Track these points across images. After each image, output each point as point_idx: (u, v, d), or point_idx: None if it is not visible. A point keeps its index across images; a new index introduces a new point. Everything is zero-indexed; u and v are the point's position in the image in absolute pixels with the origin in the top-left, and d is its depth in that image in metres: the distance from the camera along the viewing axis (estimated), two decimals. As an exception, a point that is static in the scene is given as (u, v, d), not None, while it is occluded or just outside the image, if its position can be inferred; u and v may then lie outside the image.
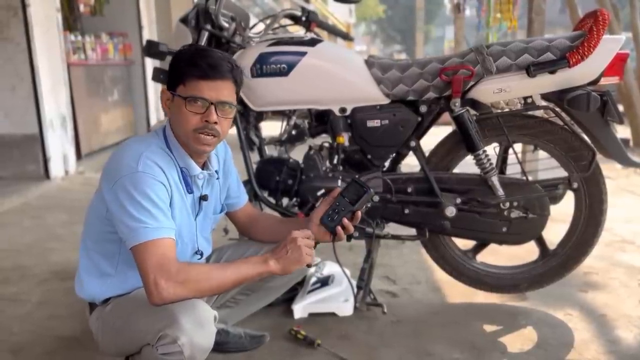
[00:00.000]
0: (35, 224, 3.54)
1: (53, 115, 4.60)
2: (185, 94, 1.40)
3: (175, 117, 1.45)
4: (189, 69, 1.40)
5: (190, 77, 1.40)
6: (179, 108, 1.42)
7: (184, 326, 1.29)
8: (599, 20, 1.84)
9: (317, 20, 2.38)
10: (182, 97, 1.41)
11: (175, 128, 1.47)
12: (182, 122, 1.43)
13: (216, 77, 1.41)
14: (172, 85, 1.44)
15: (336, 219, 1.52)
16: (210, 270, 1.41)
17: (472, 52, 1.97)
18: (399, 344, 1.98)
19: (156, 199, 1.36)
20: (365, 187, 1.51)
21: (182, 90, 1.41)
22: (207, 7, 2.15)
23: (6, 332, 2.11)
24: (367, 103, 2.08)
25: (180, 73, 1.41)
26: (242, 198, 1.79)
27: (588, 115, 1.95)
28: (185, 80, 1.40)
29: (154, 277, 1.30)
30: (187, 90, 1.40)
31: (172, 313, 1.30)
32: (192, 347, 1.30)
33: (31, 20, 4.27)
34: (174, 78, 1.43)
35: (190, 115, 1.41)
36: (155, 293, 1.30)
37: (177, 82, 1.42)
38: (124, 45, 6.32)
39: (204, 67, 1.39)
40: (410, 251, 2.89)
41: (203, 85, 1.40)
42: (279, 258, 1.43)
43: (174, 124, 1.47)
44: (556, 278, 2.21)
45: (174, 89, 1.43)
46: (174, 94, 1.43)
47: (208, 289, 1.37)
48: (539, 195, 2.06)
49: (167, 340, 1.29)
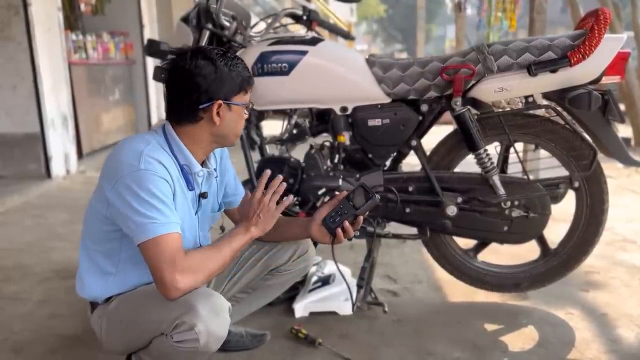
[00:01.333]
0: (36, 223, 3.55)
1: (54, 115, 4.61)
2: (247, 101, 1.53)
3: (232, 123, 1.51)
4: (248, 78, 1.51)
5: (248, 85, 1.52)
6: (240, 114, 1.52)
7: (201, 313, 1.31)
8: (600, 19, 1.83)
9: (318, 19, 2.38)
10: (245, 105, 1.52)
11: (226, 133, 1.51)
12: (239, 126, 1.54)
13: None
14: (227, 95, 1.47)
15: (338, 221, 1.53)
16: (210, 251, 1.45)
17: (473, 51, 1.97)
18: (400, 343, 1.98)
19: (161, 195, 1.37)
20: (371, 193, 1.52)
21: (244, 98, 1.52)
22: (208, 6, 2.15)
23: (7, 331, 2.11)
24: (368, 102, 2.08)
25: (241, 83, 1.49)
26: (240, 196, 1.79)
27: (589, 115, 1.95)
28: (247, 89, 1.51)
29: (168, 272, 1.32)
30: (247, 97, 1.53)
31: (189, 301, 1.33)
32: (208, 335, 1.32)
33: (32, 19, 4.27)
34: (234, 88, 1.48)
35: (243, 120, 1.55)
36: (172, 287, 1.32)
37: (236, 92, 1.48)
38: (125, 44, 6.32)
39: (249, 75, 1.53)
40: (411, 250, 2.89)
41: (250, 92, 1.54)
42: (256, 223, 1.51)
43: (223, 130, 1.50)
44: (557, 277, 2.21)
45: (229, 98, 1.47)
46: (237, 103, 1.49)
47: (216, 269, 1.43)
48: (540, 194, 2.06)
49: (184, 327, 1.31)
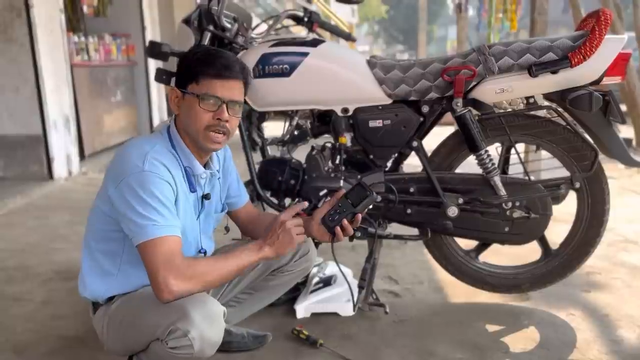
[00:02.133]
0: (38, 224, 3.56)
1: (56, 116, 4.62)
2: (199, 91, 1.43)
3: (186, 114, 1.47)
4: (204, 67, 1.43)
5: (204, 75, 1.43)
6: (191, 106, 1.45)
7: (195, 320, 1.31)
8: (601, 20, 1.84)
9: (319, 20, 2.38)
10: (196, 94, 1.43)
11: (186, 126, 1.49)
12: (195, 119, 1.45)
13: (229, 77, 1.45)
14: (183, 83, 1.46)
15: (336, 220, 1.53)
16: (214, 262, 1.44)
17: (474, 52, 1.98)
18: (402, 343, 1.99)
19: (162, 198, 1.37)
20: (368, 191, 1.52)
21: (196, 88, 1.44)
22: (209, 8, 2.16)
23: (10, 331, 2.12)
24: (370, 103, 2.08)
25: (194, 71, 1.44)
26: (243, 197, 1.80)
27: (590, 115, 1.95)
28: (199, 79, 1.43)
29: (163, 274, 1.32)
30: (201, 88, 1.44)
31: (183, 307, 1.32)
32: (202, 341, 1.32)
33: (35, 21, 4.29)
34: (186, 76, 1.46)
35: (203, 113, 1.44)
36: (165, 289, 1.32)
37: (190, 81, 1.45)
38: (127, 46, 6.33)
39: (218, 67, 1.43)
40: (412, 251, 2.89)
41: (217, 84, 1.44)
42: (272, 243, 1.48)
43: (184, 121, 1.49)
44: (559, 278, 2.21)
45: (185, 87, 1.46)
46: (186, 92, 1.45)
47: (214, 281, 1.41)
48: (541, 195, 2.06)
49: (178, 334, 1.31)
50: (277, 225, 1.48)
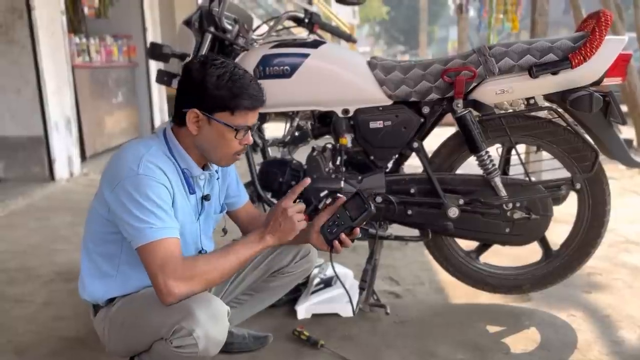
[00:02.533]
0: (40, 225, 3.56)
1: (58, 118, 4.62)
2: (235, 124, 1.42)
3: (213, 140, 1.45)
4: (239, 100, 1.41)
5: (240, 108, 1.41)
6: (222, 134, 1.44)
7: (200, 319, 1.31)
8: (601, 21, 1.84)
9: (319, 21, 2.38)
10: (234, 127, 1.42)
11: (208, 148, 1.48)
12: (224, 147, 1.46)
13: (260, 106, 1.46)
14: (209, 109, 1.42)
15: (335, 233, 1.52)
16: (213, 259, 1.42)
17: (475, 53, 1.98)
18: (403, 344, 1.99)
19: (158, 200, 1.37)
20: (367, 204, 1.51)
21: (230, 119, 1.42)
22: (210, 10, 2.16)
23: (11, 332, 2.12)
24: (370, 104, 2.09)
25: (229, 103, 1.40)
26: (242, 197, 1.80)
27: (591, 116, 1.95)
28: (235, 111, 1.42)
29: (163, 277, 1.32)
30: (237, 119, 1.42)
31: (188, 306, 1.33)
32: (207, 340, 1.32)
33: (36, 22, 4.29)
34: (214, 104, 1.41)
35: (235, 142, 1.45)
36: (166, 292, 1.32)
37: (221, 109, 1.41)
38: (128, 47, 6.34)
39: (253, 99, 1.43)
40: (413, 252, 2.89)
41: (250, 115, 1.45)
42: (274, 231, 1.47)
43: (204, 144, 1.47)
44: (559, 279, 2.21)
45: (212, 112, 1.42)
46: (218, 120, 1.42)
47: (216, 278, 1.40)
48: (542, 196, 2.06)
49: (183, 333, 1.31)
50: (279, 212, 1.47)
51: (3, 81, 4.36)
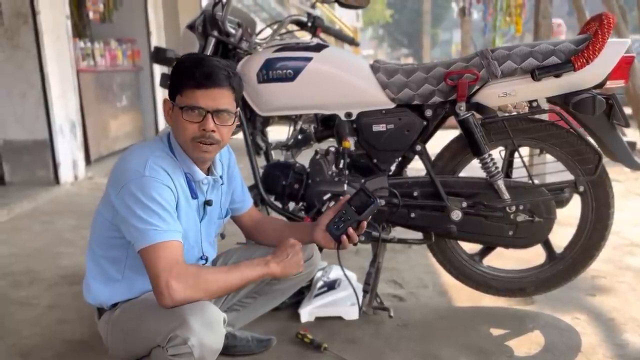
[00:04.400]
0: (45, 228, 3.58)
1: (63, 121, 4.65)
2: (181, 103, 1.44)
3: (175, 126, 1.48)
4: (185, 79, 1.43)
5: (186, 87, 1.43)
6: (177, 117, 1.46)
7: (194, 327, 1.31)
8: (604, 24, 1.84)
9: (322, 25, 2.39)
10: (179, 106, 1.44)
11: (176, 137, 1.51)
12: (181, 131, 1.46)
13: (212, 86, 1.43)
14: (172, 95, 1.47)
15: (342, 228, 1.53)
16: (217, 272, 1.44)
17: (477, 56, 1.98)
18: (406, 347, 1.99)
19: (163, 203, 1.38)
20: (372, 198, 1.52)
21: (180, 100, 1.45)
22: (214, 14, 2.18)
23: (16, 335, 2.13)
24: (373, 107, 2.09)
25: (178, 83, 1.45)
26: (247, 202, 1.81)
27: (594, 119, 1.95)
28: (182, 90, 1.43)
29: (165, 279, 1.32)
30: (184, 100, 1.43)
31: (182, 314, 1.32)
32: (201, 348, 1.32)
33: (41, 27, 4.32)
34: (173, 88, 1.47)
35: (188, 124, 1.44)
36: (167, 295, 1.32)
37: (176, 92, 1.46)
38: (133, 51, 6.37)
39: (199, 77, 1.41)
40: (417, 255, 2.89)
41: (199, 95, 1.42)
42: (280, 261, 1.49)
43: (175, 132, 1.51)
44: (563, 282, 2.20)
45: (173, 98, 1.47)
46: (174, 103, 1.47)
47: (216, 291, 1.41)
48: (545, 198, 2.06)
49: (177, 341, 1.31)
50: (289, 245, 1.50)
51: (8, 85, 4.39)
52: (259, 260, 1.49)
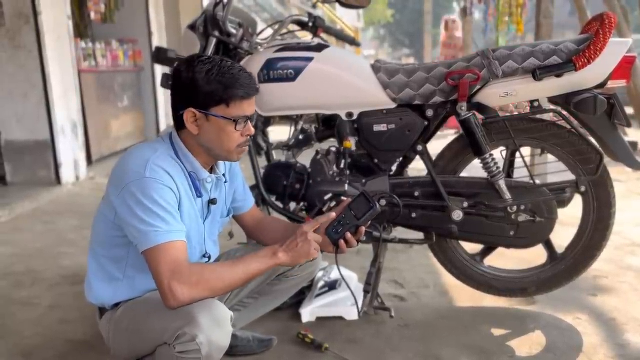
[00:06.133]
0: (46, 229, 3.59)
1: (64, 122, 4.66)
2: (232, 115, 1.43)
3: (214, 136, 1.46)
4: (232, 90, 1.41)
5: (234, 98, 1.42)
6: (222, 128, 1.44)
7: (203, 324, 1.31)
8: (605, 24, 1.84)
9: (323, 25, 2.39)
10: (232, 119, 1.43)
11: (211, 146, 1.48)
12: (226, 141, 1.46)
13: (255, 94, 1.47)
14: (204, 105, 1.43)
15: (340, 232, 1.53)
16: (221, 269, 1.43)
17: (478, 56, 1.98)
18: (407, 348, 1.98)
19: (164, 204, 1.38)
20: (372, 203, 1.52)
21: (227, 112, 1.43)
22: (215, 14, 2.18)
23: (18, 335, 2.14)
24: (374, 108, 2.09)
25: (222, 96, 1.41)
26: (249, 201, 1.81)
27: (595, 119, 1.95)
28: (230, 102, 1.42)
29: (168, 281, 1.32)
30: (233, 111, 1.43)
31: (190, 312, 1.32)
32: (210, 346, 1.32)
33: (43, 27, 4.33)
34: (209, 99, 1.42)
35: (237, 134, 1.46)
36: (170, 296, 1.32)
37: (216, 104, 1.42)
38: (134, 51, 6.38)
39: (246, 88, 1.43)
40: (418, 255, 2.89)
41: (245, 104, 1.45)
42: (289, 251, 1.47)
43: (207, 142, 1.47)
44: (565, 282, 2.20)
45: (207, 108, 1.43)
46: (215, 115, 1.43)
47: (221, 288, 1.40)
48: (547, 198, 2.06)
49: (186, 338, 1.31)
50: (299, 234, 1.48)
51: (10, 86, 4.40)
52: (265, 251, 1.47)
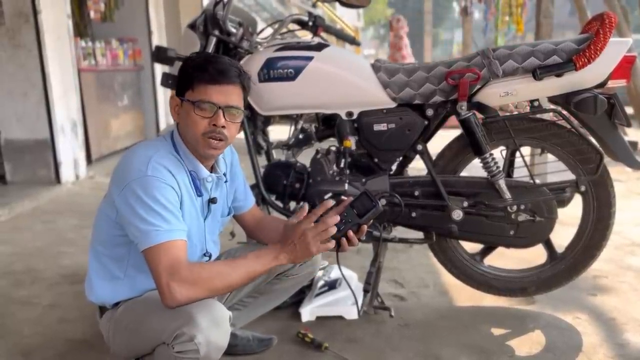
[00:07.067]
0: (46, 228, 3.58)
1: (64, 121, 4.65)
2: (193, 98, 1.44)
3: (184, 122, 1.48)
4: (198, 74, 1.44)
5: (199, 82, 1.43)
6: (188, 113, 1.46)
7: (201, 324, 1.31)
8: (605, 24, 1.84)
9: (323, 25, 2.39)
10: (191, 101, 1.44)
11: (185, 133, 1.50)
12: (191, 126, 1.46)
13: (224, 82, 1.44)
14: (181, 91, 1.48)
15: (342, 230, 1.53)
16: (221, 268, 1.42)
17: (478, 55, 1.98)
18: (407, 347, 1.98)
19: (166, 202, 1.38)
20: (373, 202, 1.51)
21: (191, 95, 1.45)
22: (215, 13, 2.18)
23: (17, 335, 2.13)
24: (374, 107, 2.09)
25: (189, 78, 1.45)
26: (249, 201, 1.81)
27: (595, 118, 1.95)
28: (194, 86, 1.44)
29: (167, 280, 1.32)
30: (196, 95, 1.44)
31: (189, 312, 1.32)
32: (208, 346, 1.32)
33: (42, 26, 4.32)
34: (183, 84, 1.47)
35: (199, 119, 1.44)
36: (169, 295, 1.32)
37: (186, 88, 1.46)
38: (134, 50, 6.37)
39: (212, 72, 1.43)
40: (418, 255, 2.89)
41: (211, 90, 1.43)
42: (289, 252, 1.46)
43: (183, 129, 1.50)
44: (564, 281, 2.20)
45: (183, 94, 1.47)
46: (183, 99, 1.47)
47: (220, 288, 1.39)
48: (547, 198, 2.05)
49: (184, 338, 1.31)
50: (297, 234, 1.46)
51: (10, 85, 4.40)
52: (266, 251, 1.46)
